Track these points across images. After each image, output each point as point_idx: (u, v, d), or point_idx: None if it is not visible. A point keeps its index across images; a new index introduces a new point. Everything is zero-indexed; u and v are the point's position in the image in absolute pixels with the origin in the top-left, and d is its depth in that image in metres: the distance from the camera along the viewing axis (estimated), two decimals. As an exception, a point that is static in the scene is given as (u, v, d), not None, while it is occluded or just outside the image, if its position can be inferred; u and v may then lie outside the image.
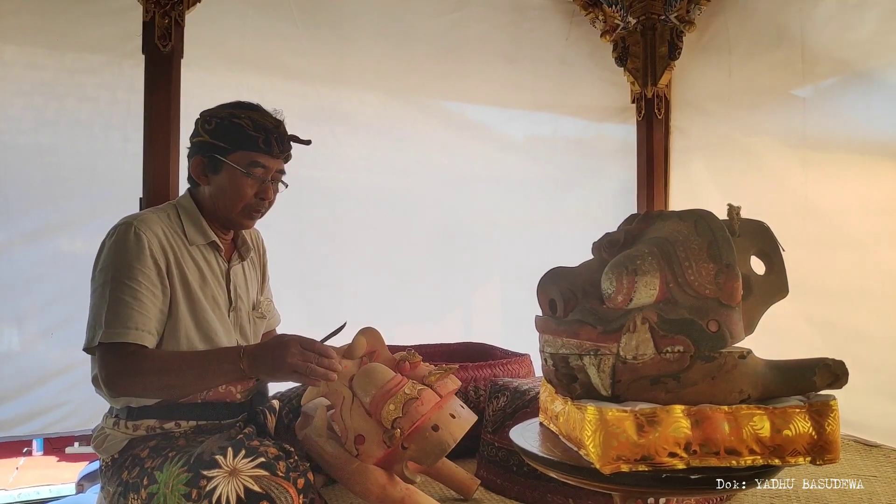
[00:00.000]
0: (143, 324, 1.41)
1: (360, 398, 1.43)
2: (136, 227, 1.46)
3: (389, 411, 1.39)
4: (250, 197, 1.56)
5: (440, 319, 2.89)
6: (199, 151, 1.56)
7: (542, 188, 3.05)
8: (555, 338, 1.08)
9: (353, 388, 1.44)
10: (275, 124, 1.56)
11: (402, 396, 1.40)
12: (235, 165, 1.53)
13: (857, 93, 2.31)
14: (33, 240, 2.20)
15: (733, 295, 0.99)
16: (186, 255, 1.54)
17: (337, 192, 2.60)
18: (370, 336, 1.54)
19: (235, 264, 1.66)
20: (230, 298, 1.62)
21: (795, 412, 0.98)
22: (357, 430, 1.40)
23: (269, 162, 1.55)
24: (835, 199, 2.36)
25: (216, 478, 1.23)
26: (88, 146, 2.27)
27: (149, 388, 1.44)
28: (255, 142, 1.52)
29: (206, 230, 1.58)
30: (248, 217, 1.60)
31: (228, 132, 1.52)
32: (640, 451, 0.95)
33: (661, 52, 2.93)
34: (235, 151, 1.52)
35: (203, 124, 1.55)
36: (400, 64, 2.73)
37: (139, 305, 1.42)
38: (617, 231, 1.14)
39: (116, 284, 1.42)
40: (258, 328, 1.72)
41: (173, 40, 2.17)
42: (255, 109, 1.57)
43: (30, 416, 2.20)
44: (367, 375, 1.45)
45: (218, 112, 1.55)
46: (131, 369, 1.39)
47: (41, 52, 2.20)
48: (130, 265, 1.43)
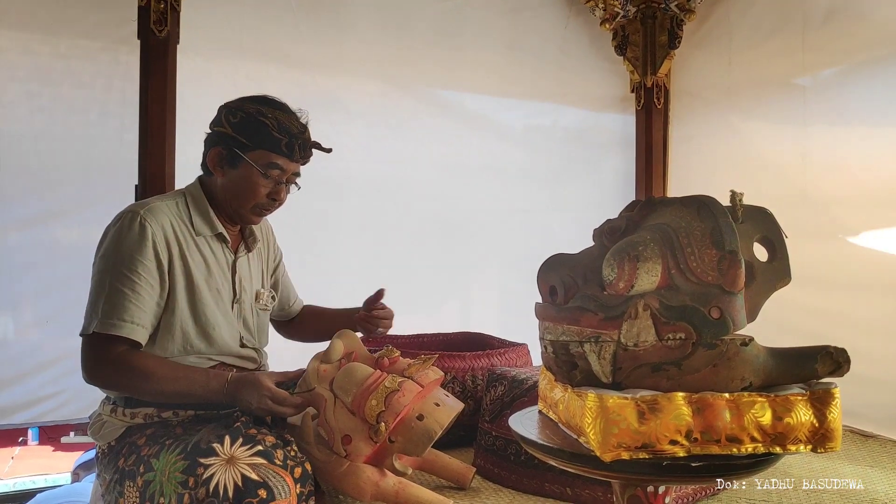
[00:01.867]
0: (138, 317, 1.41)
1: (342, 399, 1.43)
2: (143, 216, 1.45)
3: (372, 406, 1.39)
4: (262, 196, 1.56)
5: (437, 309, 2.88)
6: (219, 142, 1.54)
7: (541, 177, 3.04)
8: (555, 325, 1.07)
9: (335, 391, 1.44)
10: (300, 129, 1.55)
11: (384, 390, 1.40)
12: (253, 164, 1.52)
13: (858, 83, 2.30)
14: (28, 227, 2.19)
15: (736, 282, 0.98)
16: (193, 246, 1.53)
17: (334, 180, 2.58)
18: (346, 338, 1.54)
19: (241, 256, 1.65)
20: (235, 290, 1.61)
21: (797, 400, 0.97)
22: (343, 430, 1.41)
23: (287, 165, 1.55)
24: (834, 188, 2.36)
25: (213, 465, 1.23)
26: (83, 133, 2.24)
27: (127, 388, 1.44)
28: (278, 144, 1.51)
29: (213, 221, 1.57)
30: (257, 214, 1.60)
31: (252, 129, 1.51)
32: (640, 438, 0.94)
33: (661, 40, 2.92)
34: (256, 150, 1.51)
35: (228, 115, 1.53)
36: (398, 52, 2.71)
37: (136, 298, 1.42)
38: (618, 217, 1.13)
39: (116, 274, 1.42)
40: (262, 320, 1.72)
41: (169, 25, 2.15)
42: (282, 110, 1.55)
43: (25, 405, 2.19)
44: (346, 375, 1.44)
45: (245, 106, 1.53)
46: (118, 367, 1.39)
47: (36, 38, 2.17)
48: (132, 256, 1.43)
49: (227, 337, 1.57)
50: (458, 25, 2.82)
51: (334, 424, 1.41)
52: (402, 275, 2.77)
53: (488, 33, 2.88)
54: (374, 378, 1.43)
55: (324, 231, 2.62)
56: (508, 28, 2.92)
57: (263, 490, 1.20)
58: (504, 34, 2.91)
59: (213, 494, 1.19)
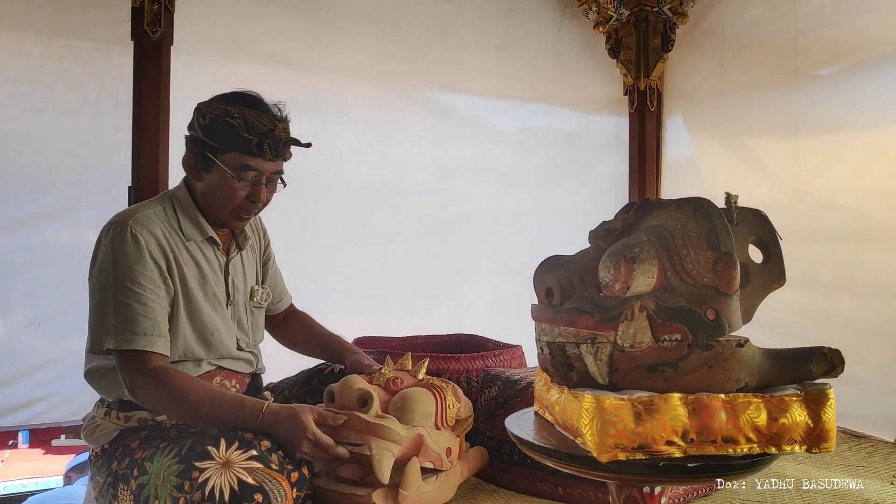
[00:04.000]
0: (150, 328, 1.39)
1: (427, 425, 1.47)
2: (133, 227, 1.42)
3: (453, 412, 1.56)
4: (241, 199, 1.50)
5: (430, 311, 2.88)
6: (193, 147, 1.50)
7: (534, 179, 3.05)
8: (551, 326, 1.07)
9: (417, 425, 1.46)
10: (270, 127, 1.46)
11: (447, 391, 1.54)
12: (225, 168, 1.46)
13: (850, 85, 2.32)
14: (19, 229, 2.17)
15: (731, 283, 0.98)
16: (184, 252, 1.50)
17: (325, 181, 2.58)
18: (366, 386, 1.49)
19: (234, 256, 1.62)
20: (228, 293, 1.59)
21: (792, 400, 0.98)
22: (444, 445, 1.50)
23: (261, 165, 1.48)
24: (827, 190, 2.38)
25: (208, 469, 1.21)
26: (76, 134, 2.23)
27: (162, 405, 1.42)
28: (249, 144, 1.44)
29: (202, 226, 1.54)
30: (238, 218, 1.55)
31: (221, 132, 1.45)
32: (637, 439, 0.94)
33: (654, 44, 2.94)
34: (227, 152, 1.46)
35: (198, 118, 1.49)
36: (391, 54, 2.71)
37: (144, 309, 1.39)
38: (614, 219, 1.13)
39: (119, 288, 1.39)
40: (256, 319, 1.70)
41: (163, 27, 2.14)
42: (252, 107, 1.47)
43: (16, 408, 2.17)
44: (419, 407, 1.46)
45: (213, 107, 1.47)
46: (156, 382, 1.37)
47: (27, 39, 2.16)
48: (131, 268, 1.40)
49: (225, 341, 1.56)
50: (452, 27, 2.82)
51: (437, 447, 1.47)
52: (395, 277, 2.77)
53: (482, 35, 2.88)
54: (435, 389, 1.53)
55: (315, 233, 2.61)
56: (502, 30, 2.93)
57: (260, 495, 1.19)
58: (498, 36, 2.91)
59: (208, 499, 1.18)
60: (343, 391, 1.41)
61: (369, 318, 2.63)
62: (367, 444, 1.34)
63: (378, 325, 2.58)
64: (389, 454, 1.35)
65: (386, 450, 1.34)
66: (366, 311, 2.69)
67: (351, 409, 1.38)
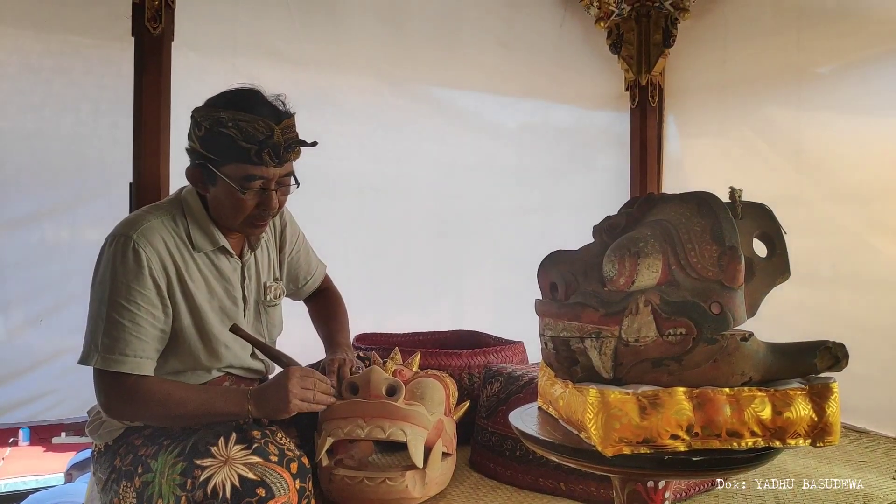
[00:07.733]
0: (140, 350, 1.36)
1: (441, 414, 1.58)
2: (136, 242, 1.36)
3: (454, 394, 1.69)
4: (251, 209, 1.41)
5: (432, 307, 2.87)
6: (194, 159, 1.41)
7: (535, 175, 3.04)
8: (556, 321, 1.07)
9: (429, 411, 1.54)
10: (267, 132, 1.34)
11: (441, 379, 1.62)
12: (229, 180, 1.37)
13: (853, 80, 2.31)
14: (20, 226, 2.16)
15: (736, 277, 0.98)
16: (192, 265, 1.45)
17: (327, 178, 2.57)
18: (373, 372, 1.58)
19: (248, 258, 1.57)
20: (245, 297, 1.56)
21: (796, 394, 0.98)
22: (452, 432, 1.64)
23: (265, 172, 1.38)
24: (829, 187, 2.37)
25: (210, 467, 1.22)
26: (75, 131, 2.22)
27: (145, 418, 1.42)
28: (248, 154, 1.34)
29: (214, 235, 1.47)
30: (252, 227, 1.47)
31: (216, 142, 1.35)
32: (642, 433, 0.94)
33: (656, 39, 2.93)
34: (228, 164, 1.36)
35: (195, 128, 1.38)
36: (393, 49, 2.70)
37: (136, 330, 1.35)
38: (618, 214, 1.13)
39: (113, 305, 1.35)
40: (272, 317, 1.65)
41: (164, 22, 2.13)
42: (247, 109, 1.35)
43: (16, 405, 2.17)
44: (425, 399, 1.55)
45: (206, 115, 1.36)
46: (132, 398, 1.36)
47: (27, 35, 2.15)
48: (128, 286, 1.35)
49: (239, 353, 1.54)
50: (454, 23, 2.82)
51: (450, 432, 1.61)
52: (397, 273, 2.77)
53: (483, 31, 2.87)
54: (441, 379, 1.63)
55: (316, 229, 2.59)
56: (503, 26, 2.92)
57: (262, 488, 1.19)
58: (499, 32, 2.91)
59: (211, 496, 1.18)
60: (371, 382, 1.51)
61: (371, 315, 2.62)
62: (402, 429, 1.46)
63: (379, 321, 2.57)
64: (422, 439, 1.49)
65: (419, 435, 1.48)
66: (367, 308, 2.68)
67: (379, 399, 1.49)
